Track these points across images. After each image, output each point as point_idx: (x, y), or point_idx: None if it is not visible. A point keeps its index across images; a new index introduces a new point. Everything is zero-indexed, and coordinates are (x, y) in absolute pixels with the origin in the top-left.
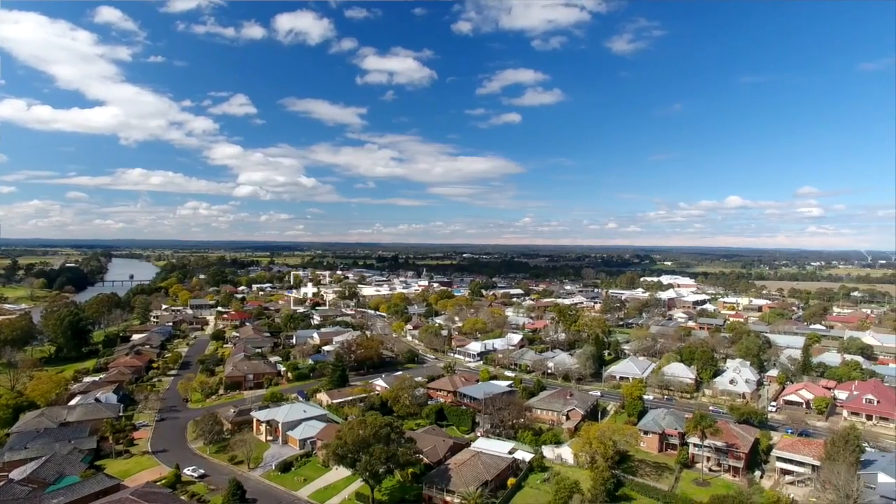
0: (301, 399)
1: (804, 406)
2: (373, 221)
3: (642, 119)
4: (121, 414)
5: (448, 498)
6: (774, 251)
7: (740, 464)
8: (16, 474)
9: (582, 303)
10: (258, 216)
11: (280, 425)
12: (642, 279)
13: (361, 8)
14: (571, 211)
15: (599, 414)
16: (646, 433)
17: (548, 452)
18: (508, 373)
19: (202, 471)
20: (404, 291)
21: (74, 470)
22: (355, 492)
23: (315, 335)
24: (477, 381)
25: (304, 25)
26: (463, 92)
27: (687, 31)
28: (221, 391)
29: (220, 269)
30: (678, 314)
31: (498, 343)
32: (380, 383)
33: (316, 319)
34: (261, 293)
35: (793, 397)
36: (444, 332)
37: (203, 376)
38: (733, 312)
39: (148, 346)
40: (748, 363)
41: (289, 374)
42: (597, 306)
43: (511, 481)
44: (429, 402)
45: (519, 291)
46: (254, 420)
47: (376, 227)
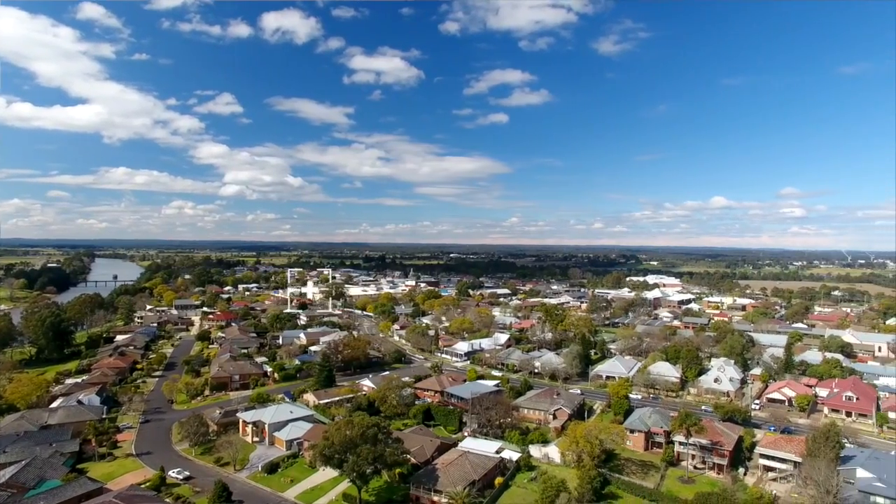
0: (288, 400)
1: (787, 404)
2: (360, 221)
3: (628, 120)
4: (104, 416)
5: (435, 498)
6: (758, 251)
7: (724, 461)
8: None
9: (568, 302)
10: (244, 216)
11: (266, 426)
12: (628, 279)
13: (349, 7)
14: (558, 211)
15: (586, 413)
16: (632, 432)
17: (535, 452)
18: (496, 372)
19: (187, 473)
20: (391, 291)
21: (56, 473)
22: (342, 492)
23: (302, 335)
24: (464, 381)
25: (291, 24)
26: (450, 92)
27: (672, 33)
28: (207, 392)
29: (206, 270)
30: (664, 313)
31: (485, 343)
32: (367, 383)
33: (302, 320)
34: (247, 293)
35: (776, 395)
36: (432, 332)
37: (188, 377)
38: (718, 312)
39: (132, 347)
40: (732, 362)
41: (275, 375)
42: (583, 306)
43: (498, 481)
44: (416, 402)
45: (506, 291)
46: (240, 421)
47: (363, 227)
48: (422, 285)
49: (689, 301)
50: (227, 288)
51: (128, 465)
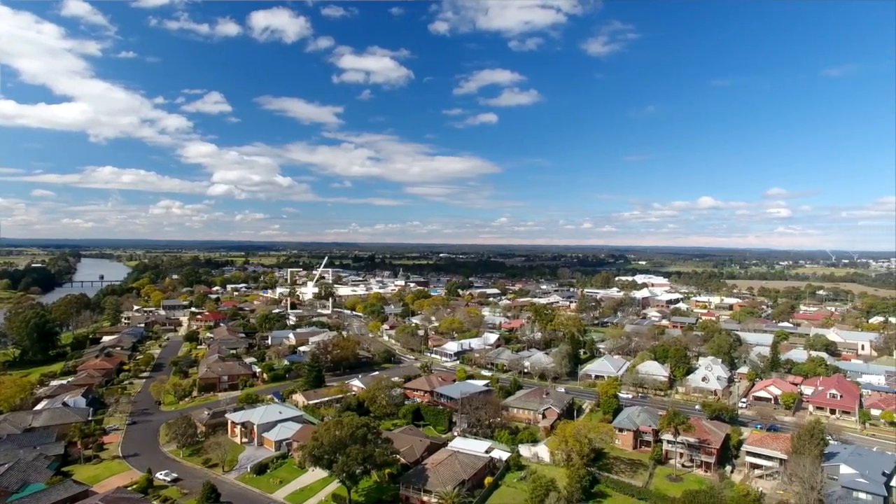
0: (277, 400)
1: (773, 402)
2: (349, 221)
3: (617, 120)
4: (90, 418)
5: (425, 498)
6: (745, 251)
7: (712, 459)
8: None
9: (558, 302)
10: (233, 216)
11: (255, 427)
12: (617, 279)
13: (338, 6)
14: (547, 211)
15: (575, 412)
16: (621, 430)
17: (524, 451)
18: (485, 372)
19: (175, 475)
20: (381, 291)
21: (40, 477)
22: (332, 493)
23: (291, 336)
24: (454, 381)
25: (280, 23)
26: (440, 92)
27: (660, 35)
28: (195, 393)
29: (194, 270)
30: (652, 313)
31: (475, 343)
32: (356, 384)
33: (292, 320)
34: (235, 293)
35: (762, 393)
36: (421, 332)
37: (176, 378)
38: (705, 311)
39: (119, 348)
40: (720, 361)
41: (264, 376)
42: (572, 305)
43: (488, 480)
44: (405, 402)
45: (495, 291)
46: (228, 422)
47: (352, 227)
48: (411, 285)
49: (678, 301)
50: (216, 288)
51: (114, 468)
